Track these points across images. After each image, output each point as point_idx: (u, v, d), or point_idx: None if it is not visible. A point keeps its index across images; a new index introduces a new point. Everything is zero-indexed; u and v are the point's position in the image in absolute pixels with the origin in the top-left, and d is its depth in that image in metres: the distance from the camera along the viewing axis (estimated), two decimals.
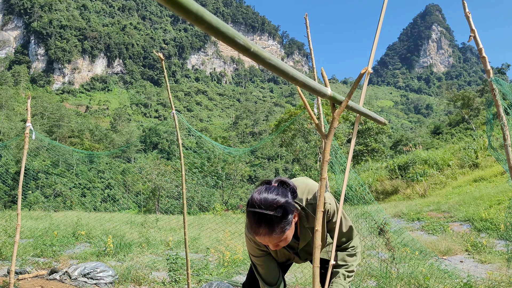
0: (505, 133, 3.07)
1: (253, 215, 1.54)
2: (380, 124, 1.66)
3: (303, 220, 1.72)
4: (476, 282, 4.49)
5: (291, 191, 1.67)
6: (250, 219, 1.56)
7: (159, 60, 4.26)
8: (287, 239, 1.61)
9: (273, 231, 1.54)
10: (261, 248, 1.84)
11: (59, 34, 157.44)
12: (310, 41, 4.27)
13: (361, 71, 0.99)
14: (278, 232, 1.54)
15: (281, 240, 1.59)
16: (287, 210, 1.55)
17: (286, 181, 1.69)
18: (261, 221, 1.53)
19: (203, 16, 0.64)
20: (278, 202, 1.54)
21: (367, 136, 35.78)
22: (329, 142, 0.98)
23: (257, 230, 1.55)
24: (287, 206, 1.55)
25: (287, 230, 1.57)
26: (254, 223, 1.54)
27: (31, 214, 14.60)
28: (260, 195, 1.57)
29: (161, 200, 34.17)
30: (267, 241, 1.58)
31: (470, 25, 3.02)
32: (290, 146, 33.28)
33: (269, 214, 1.52)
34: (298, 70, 0.89)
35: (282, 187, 1.65)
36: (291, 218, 1.57)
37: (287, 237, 1.59)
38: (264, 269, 1.87)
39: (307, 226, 1.73)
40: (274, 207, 1.53)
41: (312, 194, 1.73)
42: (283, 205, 1.54)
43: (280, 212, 1.53)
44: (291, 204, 1.59)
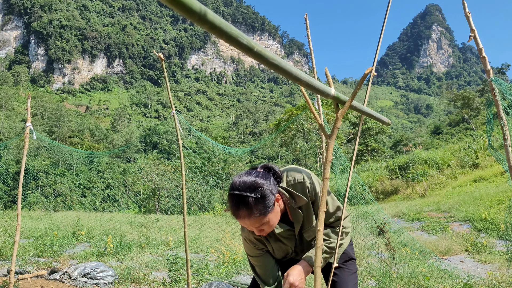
0: (505, 133, 3.07)
1: (232, 198, 1.56)
2: (383, 124, 1.66)
3: (290, 202, 1.70)
4: (476, 282, 4.49)
5: (275, 176, 1.68)
6: (230, 202, 1.58)
7: (159, 60, 4.25)
8: (270, 223, 1.61)
9: (252, 213, 1.54)
10: (258, 247, 1.83)
11: (59, 34, 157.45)
12: (310, 41, 4.26)
13: (366, 71, 0.99)
14: (257, 214, 1.55)
15: (263, 223, 1.59)
16: (266, 192, 1.56)
17: (270, 166, 1.71)
18: (239, 203, 1.54)
19: (206, 16, 0.64)
20: (256, 184, 1.55)
21: (367, 136, 35.78)
22: (332, 142, 0.98)
23: (236, 213, 1.56)
24: (266, 188, 1.56)
25: (268, 212, 1.57)
26: (233, 206, 1.56)
27: (31, 214, 14.60)
28: (240, 178, 1.59)
29: (161, 200, 34.17)
30: (248, 224, 1.59)
31: (470, 25, 3.03)
32: (290, 146, 33.29)
33: (247, 196, 1.52)
34: (300, 70, 0.89)
35: (265, 171, 1.67)
36: (271, 201, 1.57)
37: (269, 220, 1.59)
38: (262, 269, 1.86)
39: (295, 207, 1.71)
40: (252, 189, 1.54)
41: (292, 176, 1.72)
42: (261, 186, 1.55)
43: (259, 193, 1.54)
44: (271, 186, 1.59)
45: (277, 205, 1.63)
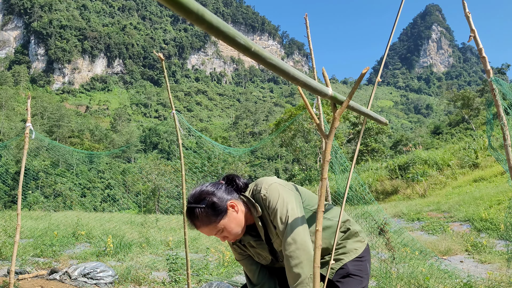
0: (505, 133, 3.07)
1: (186, 211, 1.65)
2: (381, 124, 1.66)
3: (252, 211, 1.70)
4: (476, 282, 4.49)
5: (236, 185, 1.72)
6: (186, 215, 1.67)
7: (159, 60, 4.26)
8: (228, 230, 1.64)
9: (202, 222, 1.61)
10: (238, 251, 1.87)
11: (59, 34, 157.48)
12: (310, 41, 4.26)
13: (363, 71, 0.99)
14: (208, 223, 1.61)
15: (218, 230, 1.63)
16: (213, 200, 1.61)
17: (231, 176, 1.75)
18: (190, 215, 1.63)
19: (204, 16, 0.64)
20: (202, 195, 1.63)
21: (367, 136, 35.78)
22: (330, 142, 0.98)
23: (192, 224, 1.65)
24: (212, 197, 1.62)
25: (220, 220, 1.61)
26: (188, 218, 1.65)
27: (31, 214, 14.59)
28: (191, 192, 1.69)
29: (161, 200, 34.17)
30: (206, 232, 1.65)
31: (470, 25, 3.02)
32: (290, 146, 33.30)
33: (194, 207, 1.61)
34: (298, 70, 0.89)
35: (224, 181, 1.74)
36: (221, 208, 1.61)
37: (225, 227, 1.63)
38: (248, 271, 1.89)
39: (256, 216, 1.71)
40: (198, 200, 1.62)
41: (257, 186, 1.71)
42: (207, 196, 1.62)
43: (204, 203, 1.61)
44: (221, 194, 1.64)
45: (232, 212, 1.65)
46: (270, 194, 1.65)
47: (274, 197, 1.64)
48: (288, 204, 1.62)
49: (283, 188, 1.68)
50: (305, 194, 1.80)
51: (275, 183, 1.69)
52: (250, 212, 1.71)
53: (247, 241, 1.78)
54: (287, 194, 1.66)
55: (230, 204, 1.65)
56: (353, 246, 1.81)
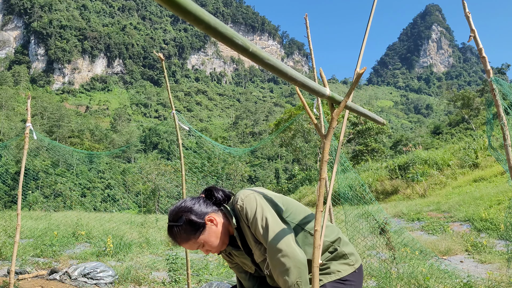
0: (505, 133, 3.07)
1: (167, 229, 1.69)
2: (379, 124, 1.66)
3: (231, 221, 1.69)
4: (476, 282, 4.49)
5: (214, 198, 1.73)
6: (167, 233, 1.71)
7: (159, 60, 4.26)
8: (209, 244, 1.67)
9: (182, 239, 1.65)
10: (227, 259, 1.90)
11: (59, 34, 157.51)
12: (310, 41, 4.26)
13: (360, 71, 0.99)
14: (186, 239, 1.64)
15: (199, 245, 1.67)
16: (190, 217, 1.63)
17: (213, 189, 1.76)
18: (170, 233, 1.67)
19: (202, 16, 0.64)
20: (179, 212, 1.66)
21: (367, 136, 35.79)
22: (328, 142, 0.98)
23: (172, 242, 1.69)
24: (190, 215, 1.64)
25: (198, 235, 1.64)
26: (168, 236, 1.69)
27: (31, 214, 14.59)
28: (171, 208, 1.72)
29: (161, 200, 34.17)
30: (188, 247, 1.68)
31: (470, 25, 3.02)
32: (290, 146, 33.31)
33: (173, 225, 1.65)
34: (298, 70, 0.89)
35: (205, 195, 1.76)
36: (199, 224, 1.63)
37: (205, 241, 1.66)
38: (239, 277, 1.92)
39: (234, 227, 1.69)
40: (176, 218, 1.65)
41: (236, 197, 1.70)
42: (183, 213, 1.65)
43: (181, 221, 1.63)
44: (198, 209, 1.66)
45: (211, 226, 1.66)
46: (246, 204, 1.63)
47: (252, 207, 1.62)
48: (267, 213, 1.60)
49: (260, 197, 1.66)
50: (291, 207, 1.74)
51: (253, 193, 1.67)
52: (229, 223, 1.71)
53: (229, 251, 1.79)
54: (265, 203, 1.64)
55: (208, 218, 1.66)
56: (337, 267, 1.71)
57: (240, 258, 1.81)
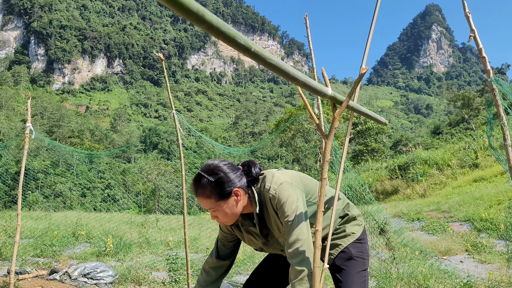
0: (505, 133, 3.07)
1: (194, 177, 1.69)
2: (380, 124, 1.67)
3: (254, 206, 1.73)
4: (476, 282, 4.49)
5: (248, 174, 1.73)
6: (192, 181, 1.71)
7: (159, 60, 4.26)
8: (222, 213, 1.68)
9: (203, 193, 1.65)
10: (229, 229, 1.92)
11: (59, 34, 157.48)
12: (310, 41, 4.26)
13: (362, 71, 0.99)
14: (208, 197, 1.64)
15: (213, 207, 1.67)
16: (223, 180, 1.64)
17: (251, 164, 1.76)
18: (196, 181, 1.67)
19: (204, 16, 0.64)
20: (216, 170, 1.66)
21: (367, 136, 35.78)
22: (329, 142, 0.98)
23: (192, 189, 1.69)
24: (224, 177, 1.64)
25: (220, 200, 1.65)
26: (193, 184, 1.69)
27: (31, 214, 14.58)
28: (208, 161, 1.72)
29: (161, 200, 34.17)
30: (202, 204, 1.69)
31: (470, 25, 3.02)
32: (290, 146, 33.29)
33: (203, 177, 1.64)
34: (298, 70, 0.89)
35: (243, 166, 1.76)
36: (227, 190, 1.64)
37: (221, 208, 1.66)
38: (222, 244, 1.96)
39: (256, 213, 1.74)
40: (210, 172, 1.65)
41: (264, 182, 1.73)
42: (220, 173, 1.65)
43: (214, 178, 1.63)
44: (233, 178, 1.67)
45: (233, 199, 1.67)
46: (279, 195, 1.67)
47: (283, 197, 1.66)
48: (295, 204, 1.66)
49: (291, 187, 1.70)
50: (308, 185, 1.83)
51: (285, 182, 1.71)
52: (251, 205, 1.75)
53: (247, 226, 1.82)
54: (295, 193, 1.69)
55: (235, 191, 1.67)
56: (351, 229, 1.89)
57: (250, 235, 1.86)
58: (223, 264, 1.96)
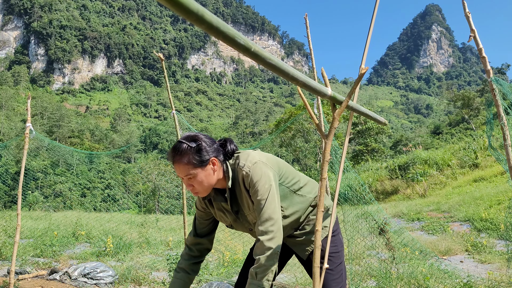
0: (505, 133, 3.07)
1: (173, 145, 1.74)
2: (380, 124, 1.67)
3: (227, 181, 1.77)
4: (476, 282, 4.49)
5: (225, 150, 1.79)
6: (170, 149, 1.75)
7: (159, 60, 4.26)
8: (198, 181, 1.71)
9: (181, 159, 1.68)
10: (203, 205, 1.96)
11: (59, 34, 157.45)
12: (310, 41, 4.26)
13: (362, 71, 0.99)
14: (186, 162, 1.67)
15: (189, 174, 1.69)
16: (202, 147, 1.69)
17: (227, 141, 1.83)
18: (175, 147, 1.71)
19: (204, 16, 0.65)
20: (196, 138, 1.72)
21: (367, 136, 35.78)
22: (329, 142, 0.98)
23: (169, 156, 1.72)
24: (203, 145, 1.70)
25: (197, 166, 1.68)
26: (170, 151, 1.73)
27: (31, 214, 14.59)
28: (189, 132, 1.80)
29: (161, 200, 34.17)
30: (178, 170, 1.71)
31: (470, 25, 3.02)
32: (290, 146, 33.28)
33: (183, 143, 1.69)
34: (298, 70, 0.89)
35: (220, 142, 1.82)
36: (204, 157, 1.69)
37: (197, 175, 1.69)
38: (199, 222, 2.01)
39: (228, 187, 1.78)
40: (190, 139, 1.71)
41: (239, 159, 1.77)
42: (199, 141, 1.71)
43: (194, 144, 1.69)
44: (211, 148, 1.73)
45: (210, 167, 1.72)
46: (253, 173, 1.70)
47: (257, 176, 1.69)
48: (269, 184, 1.68)
49: (266, 167, 1.73)
50: (283, 168, 1.85)
51: (259, 162, 1.74)
52: (224, 179, 1.79)
53: (218, 201, 1.86)
54: (268, 173, 1.71)
55: (212, 160, 1.72)
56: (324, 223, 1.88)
57: (222, 212, 1.90)
58: (201, 241, 2.00)
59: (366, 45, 1.39)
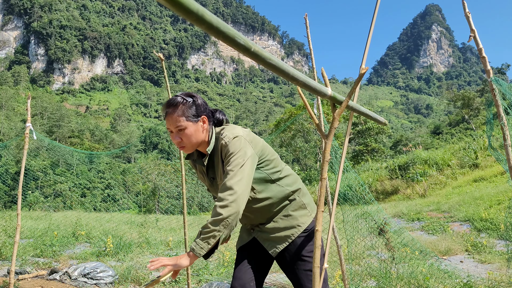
0: (505, 133, 3.07)
1: (169, 98, 1.82)
2: (380, 124, 1.67)
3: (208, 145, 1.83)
4: (476, 282, 4.49)
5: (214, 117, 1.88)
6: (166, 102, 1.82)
7: (159, 60, 4.26)
8: (187, 134, 1.77)
9: (175, 110, 1.75)
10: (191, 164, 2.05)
11: (59, 34, 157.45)
12: (310, 41, 4.26)
13: (361, 71, 0.99)
14: (178, 113, 1.75)
15: (180, 127, 1.75)
16: (197, 105, 1.79)
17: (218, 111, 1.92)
18: (171, 100, 1.78)
19: (204, 16, 0.65)
20: (192, 95, 1.82)
21: (367, 136, 35.78)
22: (329, 142, 0.98)
23: (165, 107, 1.79)
24: (199, 103, 1.80)
25: (189, 119, 1.76)
26: (166, 104, 1.80)
27: (31, 214, 14.58)
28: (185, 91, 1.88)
29: (161, 200, 34.17)
30: (171, 122, 1.77)
31: (470, 25, 3.02)
32: (290, 146, 33.29)
33: (179, 97, 1.78)
34: (298, 70, 0.89)
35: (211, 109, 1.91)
36: (197, 114, 1.78)
37: (187, 129, 1.76)
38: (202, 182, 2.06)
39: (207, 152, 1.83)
40: (186, 95, 1.80)
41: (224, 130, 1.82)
42: (196, 99, 1.81)
43: (190, 99, 1.78)
44: (203, 107, 1.82)
45: (200, 125, 1.80)
46: (231, 145, 1.74)
47: (234, 148, 1.72)
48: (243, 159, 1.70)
49: (246, 144, 1.76)
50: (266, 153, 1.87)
51: (241, 137, 1.77)
52: (208, 143, 1.85)
53: (199, 164, 1.94)
54: (247, 150, 1.74)
55: (203, 118, 1.81)
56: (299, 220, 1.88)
57: (200, 174, 2.00)
58: None
59: (367, 45, 1.39)
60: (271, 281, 5.00)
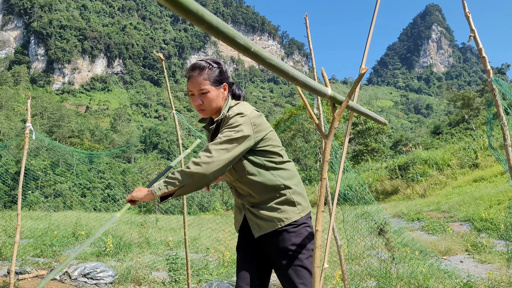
0: (505, 133, 3.07)
1: (196, 61, 1.86)
2: (380, 124, 1.67)
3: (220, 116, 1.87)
4: (476, 282, 4.49)
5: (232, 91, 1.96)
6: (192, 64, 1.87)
7: (159, 60, 4.26)
8: (208, 98, 1.82)
9: (201, 73, 1.81)
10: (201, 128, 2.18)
11: (59, 34, 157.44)
12: (310, 41, 4.26)
13: (361, 71, 0.99)
14: (204, 77, 1.81)
15: (203, 90, 1.81)
16: (222, 72, 1.86)
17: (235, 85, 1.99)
18: (197, 63, 1.84)
19: (204, 16, 0.65)
20: (218, 62, 1.88)
21: (367, 136, 35.78)
22: (329, 142, 0.98)
23: (189, 69, 1.84)
24: (224, 70, 1.88)
25: (212, 83, 1.82)
26: (191, 66, 1.85)
27: (31, 214, 14.59)
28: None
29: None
30: (195, 84, 1.82)
31: (470, 25, 3.02)
32: (290, 146, 33.29)
33: (207, 62, 1.85)
34: (298, 70, 0.89)
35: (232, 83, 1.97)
36: (220, 80, 1.85)
37: (209, 94, 1.82)
38: None
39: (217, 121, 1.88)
40: (213, 61, 1.87)
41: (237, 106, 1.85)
42: (222, 66, 1.88)
43: (215, 65, 1.85)
44: (226, 76, 1.89)
45: (221, 91, 1.87)
46: (233, 119, 1.76)
47: (234, 122, 1.74)
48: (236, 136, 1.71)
49: (248, 124, 1.76)
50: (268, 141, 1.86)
51: (247, 116, 1.77)
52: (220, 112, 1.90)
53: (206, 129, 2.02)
54: (246, 130, 1.74)
55: (225, 85, 1.88)
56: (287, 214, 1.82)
57: (208, 141, 2.09)
58: None
59: (367, 45, 1.39)
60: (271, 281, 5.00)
